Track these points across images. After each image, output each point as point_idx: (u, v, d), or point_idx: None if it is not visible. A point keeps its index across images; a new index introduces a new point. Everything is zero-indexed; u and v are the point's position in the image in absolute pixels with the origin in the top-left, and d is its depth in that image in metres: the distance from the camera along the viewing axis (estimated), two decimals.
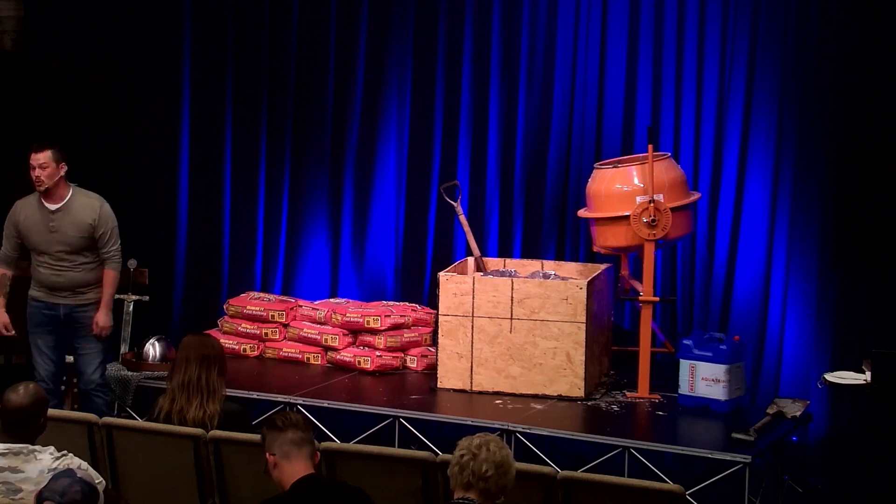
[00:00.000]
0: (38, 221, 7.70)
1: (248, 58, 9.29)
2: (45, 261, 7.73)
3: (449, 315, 7.80)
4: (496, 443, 4.65)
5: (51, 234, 7.68)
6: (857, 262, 7.80)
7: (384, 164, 9.03)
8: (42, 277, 7.77)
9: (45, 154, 7.61)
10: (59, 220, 7.69)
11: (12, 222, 7.78)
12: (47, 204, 7.68)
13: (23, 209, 7.76)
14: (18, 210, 7.78)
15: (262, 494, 5.16)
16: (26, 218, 7.73)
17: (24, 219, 7.73)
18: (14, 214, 7.79)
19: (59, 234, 7.69)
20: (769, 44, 8.03)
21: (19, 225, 7.75)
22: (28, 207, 7.75)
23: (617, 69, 8.45)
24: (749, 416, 7.38)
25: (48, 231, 7.68)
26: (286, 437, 5.06)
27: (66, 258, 7.72)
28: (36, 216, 7.71)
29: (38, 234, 7.71)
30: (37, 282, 7.82)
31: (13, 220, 7.78)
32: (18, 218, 7.75)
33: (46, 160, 7.61)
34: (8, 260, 7.87)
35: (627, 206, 7.60)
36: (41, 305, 7.83)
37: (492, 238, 8.78)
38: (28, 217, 7.73)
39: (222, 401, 6.30)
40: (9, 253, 7.85)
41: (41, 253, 7.73)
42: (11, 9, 9.63)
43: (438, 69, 8.86)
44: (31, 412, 5.12)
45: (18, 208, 7.78)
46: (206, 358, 6.30)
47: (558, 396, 7.66)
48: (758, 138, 8.09)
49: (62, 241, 7.70)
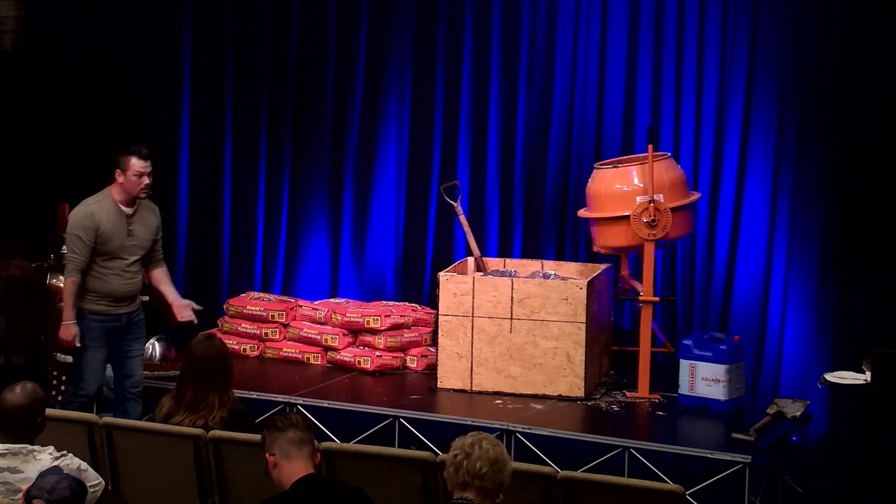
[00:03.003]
0: (118, 227, 7.37)
1: (248, 58, 9.30)
2: (115, 268, 7.39)
3: (449, 315, 7.80)
4: (489, 440, 4.65)
5: (129, 238, 7.41)
6: (857, 262, 7.80)
7: (384, 164, 9.04)
8: (111, 288, 7.40)
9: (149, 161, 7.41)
10: (135, 224, 7.44)
11: (91, 229, 7.32)
12: (125, 209, 7.39)
13: (101, 215, 7.35)
14: (96, 216, 7.34)
15: (262, 494, 5.16)
16: (107, 223, 7.34)
17: (106, 224, 7.34)
18: (91, 220, 7.33)
19: (136, 238, 7.44)
20: (769, 44, 8.03)
21: (100, 231, 7.33)
22: (106, 213, 7.36)
23: (617, 69, 8.45)
24: (749, 416, 7.38)
25: (127, 236, 7.40)
26: (286, 437, 5.06)
27: (135, 264, 7.46)
28: (116, 221, 7.37)
29: (118, 240, 7.37)
30: (101, 294, 7.40)
31: (92, 226, 7.33)
32: (99, 224, 7.33)
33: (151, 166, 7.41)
34: (83, 269, 7.37)
35: (627, 206, 7.60)
36: (103, 318, 7.44)
37: (492, 238, 8.78)
38: (109, 222, 7.35)
39: (230, 405, 6.26)
40: (86, 261, 7.36)
41: (113, 259, 7.38)
42: (11, 9, 9.63)
43: (438, 69, 8.86)
44: (29, 412, 5.12)
45: (95, 215, 7.34)
46: (206, 379, 6.23)
47: (558, 396, 7.66)
48: (758, 138, 8.09)
49: (138, 246, 7.46)
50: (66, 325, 7.36)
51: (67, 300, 7.36)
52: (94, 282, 7.39)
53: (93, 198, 7.44)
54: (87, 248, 7.33)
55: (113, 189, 7.43)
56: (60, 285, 8.69)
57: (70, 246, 7.38)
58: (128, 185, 7.38)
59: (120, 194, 7.41)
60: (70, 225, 7.41)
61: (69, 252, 7.39)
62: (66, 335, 7.37)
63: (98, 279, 7.39)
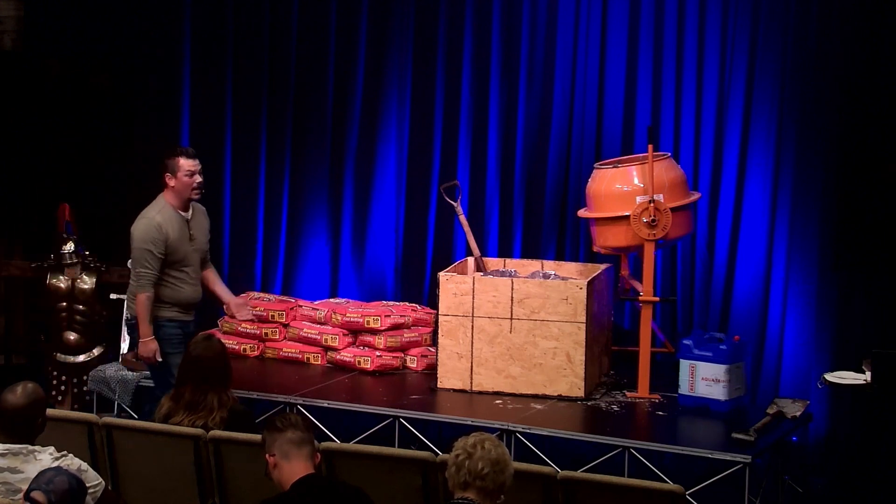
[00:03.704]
0: (182, 233, 7.19)
1: (248, 58, 9.30)
2: (184, 276, 7.21)
3: (449, 315, 7.79)
4: (491, 441, 4.66)
5: (191, 244, 7.24)
6: (857, 262, 7.80)
7: (384, 164, 9.04)
8: (183, 294, 7.23)
9: (197, 159, 7.23)
10: (193, 228, 7.27)
11: (161, 240, 7.09)
12: (183, 214, 7.22)
13: (167, 225, 7.12)
14: (164, 227, 7.11)
15: (262, 494, 5.16)
16: (173, 232, 7.14)
17: (172, 233, 7.13)
18: (160, 232, 7.09)
19: (196, 243, 7.28)
20: (769, 44, 8.03)
21: (169, 240, 7.11)
22: (170, 221, 7.14)
23: (617, 69, 8.45)
24: (749, 416, 7.38)
25: (189, 241, 7.23)
26: (285, 437, 5.06)
27: (198, 268, 7.32)
28: (179, 229, 7.18)
29: (183, 247, 7.18)
30: (173, 301, 7.20)
31: (161, 238, 7.10)
32: (167, 234, 7.11)
33: (201, 166, 7.25)
34: (156, 282, 7.15)
35: (627, 206, 7.60)
36: (177, 325, 7.23)
37: (492, 238, 8.78)
38: (174, 231, 7.14)
39: (230, 405, 6.26)
40: (158, 274, 7.14)
41: (184, 266, 7.20)
42: (11, 9, 9.64)
43: (438, 69, 8.86)
44: (29, 412, 5.12)
45: (162, 224, 7.11)
46: (205, 380, 6.22)
47: (558, 396, 7.66)
48: (758, 138, 8.09)
49: (198, 250, 7.30)
50: (145, 342, 7.11)
51: (143, 316, 7.09)
52: (166, 291, 7.18)
53: (151, 208, 7.20)
54: (159, 261, 7.10)
55: (166, 195, 7.21)
56: (61, 285, 8.72)
57: (140, 261, 7.10)
58: (180, 187, 7.17)
59: (174, 199, 7.20)
60: (137, 240, 7.11)
61: (139, 267, 7.10)
62: (147, 352, 7.12)
63: (170, 288, 7.18)
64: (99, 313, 8.79)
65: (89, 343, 8.77)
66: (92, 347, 8.77)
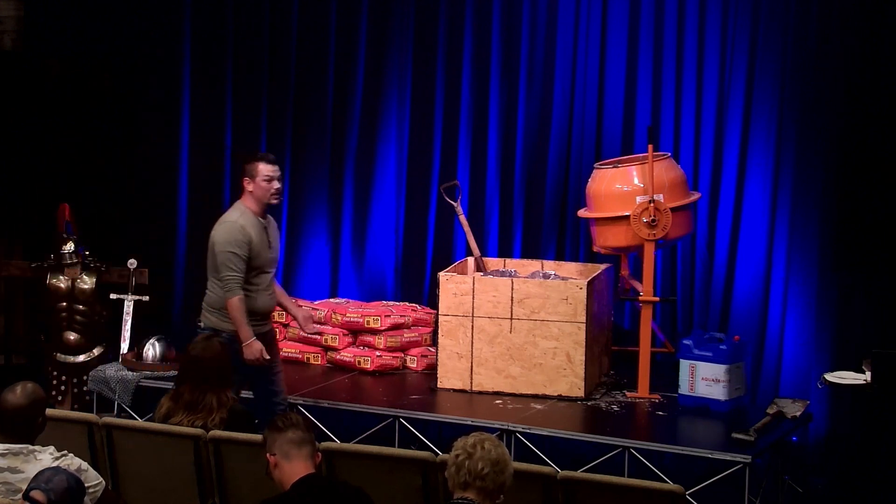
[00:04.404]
0: (262, 239, 7.01)
1: (248, 58, 9.30)
2: (261, 284, 7.04)
3: (449, 315, 7.79)
4: (491, 441, 4.66)
5: (270, 251, 7.08)
6: (857, 262, 7.80)
7: (384, 165, 9.04)
8: (260, 304, 7.05)
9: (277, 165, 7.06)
10: (271, 234, 7.10)
11: (245, 243, 6.92)
12: (262, 220, 7.04)
13: (249, 228, 6.95)
14: (247, 229, 6.94)
15: (262, 494, 5.16)
16: (255, 236, 6.97)
17: (254, 237, 6.96)
18: (244, 234, 6.92)
19: (273, 251, 7.13)
20: (769, 44, 8.03)
21: (252, 245, 6.94)
22: (252, 226, 6.97)
23: (617, 69, 8.45)
24: (749, 416, 7.38)
25: (269, 247, 7.06)
26: (286, 437, 5.06)
27: (271, 278, 7.14)
28: (260, 234, 7.00)
29: (264, 254, 7.02)
30: (249, 311, 6.96)
31: (245, 240, 6.92)
32: (251, 237, 6.94)
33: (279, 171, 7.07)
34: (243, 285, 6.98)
35: (627, 206, 7.60)
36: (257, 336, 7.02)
37: (492, 238, 8.78)
38: (256, 235, 6.97)
39: (230, 406, 6.26)
40: (244, 276, 6.95)
41: (260, 275, 7.02)
42: (11, 9, 9.64)
43: (438, 69, 8.86)
44: (29, 412, 5.11)
45: (246, 228, 6.94)
46: (204, 380, 6.21)
47: (558, 396, 7.66)
48: (758, 138, 8.09)
49: (275, 258, 7.17)
50: (249, 344, 6.90)
51: (240, 319, 6.88)
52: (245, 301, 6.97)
53: (232, 213, 7.05)
54: (244, 263, 6.92)
55: (245, 201, 7.03)
56: (61, 285, 8.71)
57: (227, 264, 6.90)
58: (258, 192, 6.98)
59: (253, 204, 7.01)
60: (221, 243, 6.93)
61: (225, 271, 6.91)
62: (252, 353, 6.91)
63: (248, 297, 6.98)
64: (99, 313, 8.79)
65: (89, 343, 8.77)
66: (92, 347, 8.77)
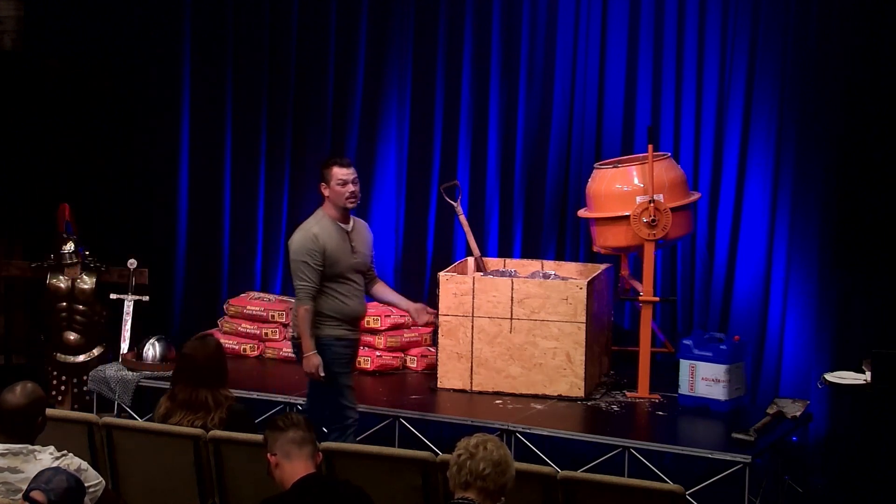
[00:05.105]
0: (342, 245, 6.99)
1: (248, 58, 9.30)
2: (350, 289, 7.02)
3: (449, 315, 7.79)
4: (493, 442, 4.67)
5: (353, 256, 7.03)
6: (857, 262, 7.80)
7: (384, 165, 9.04)
8: (351, 309, 7.03)
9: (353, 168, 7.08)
10: (355, 240, 7.07)
11: (317, 252, 6.90)
12: (343, 225, 7.03)
13: (324, 237, 6.94)
14: (320, 238, 6.92)
15: (262, 494, 5.15)
16: (332, 244, 6.95)
17: (330, 245, 6.94)
18: (316, 243, 6.91)
19: (358, 256, 7.07)
20: (769, 44, 8.03)
21: (326, 253, 6.91)
22: (328, 234, 6.96)
23: (617, 69, 8.45)
24: (749, 416, 7.38)
25: (351, 254, 7.02)
26: (287, 436, 5.06)
27: (362, 282, 7.12)
28: (339, 241, 6.99)
29: (345, 260, 6.98)
30: (339, 314, 6.99)
31: (318, 249, 6.91)
32: (325, 246, 6.92)
33: (356, 175, 7.09)
34: (315, 295, 6.95)
35: (627, 206, 7.60)
36: (348, 343, 7.07)
37: (492, 238, 8.78)
38: (332, 242, 6.95)
39: (227, 406, 6.25)
40: (317, 286, 6.94)
41: (346, 281, 7.00)
42: (11, 9, 9.64)
43: (438, 69, 8.86)
44: (29, 412, 5.12)
45: (319, 237, 6.93)
46: (200, 379, 6.20)
47: (558, 396, 7.66)
48: (758, 138, 8.09)
49: (362, 263, 7.10)
50: (309, 357, 6.91)
51: (305, 330, 6.90)
52: (330, 303, 6.99)
53: (310, 221, 7.06)
54: (317, 273, 6.91)
55: (325, 207, 7.05)
56: (61, 285, 8.72)
57: (299, 273, 6.93)
58: (334, 197, 6.99)
59: (332, 209, 7.03)
60: (294, 251, 6.96)
61: (297, 280, 6.95)
62: (310, 367, 6.91)
63: (337, 301, 6.99)
64: (99, 313, 8.79)
65: (89, 343, 8.77)
66: (92, 347, 8.78)
